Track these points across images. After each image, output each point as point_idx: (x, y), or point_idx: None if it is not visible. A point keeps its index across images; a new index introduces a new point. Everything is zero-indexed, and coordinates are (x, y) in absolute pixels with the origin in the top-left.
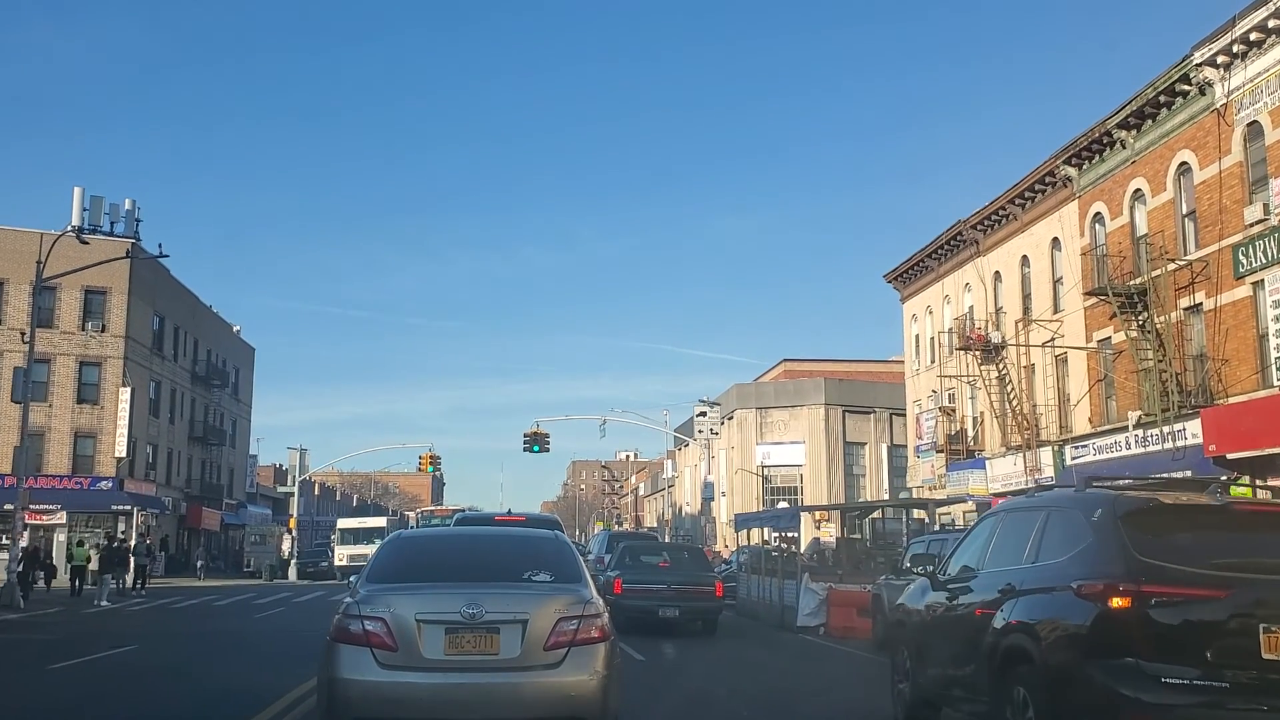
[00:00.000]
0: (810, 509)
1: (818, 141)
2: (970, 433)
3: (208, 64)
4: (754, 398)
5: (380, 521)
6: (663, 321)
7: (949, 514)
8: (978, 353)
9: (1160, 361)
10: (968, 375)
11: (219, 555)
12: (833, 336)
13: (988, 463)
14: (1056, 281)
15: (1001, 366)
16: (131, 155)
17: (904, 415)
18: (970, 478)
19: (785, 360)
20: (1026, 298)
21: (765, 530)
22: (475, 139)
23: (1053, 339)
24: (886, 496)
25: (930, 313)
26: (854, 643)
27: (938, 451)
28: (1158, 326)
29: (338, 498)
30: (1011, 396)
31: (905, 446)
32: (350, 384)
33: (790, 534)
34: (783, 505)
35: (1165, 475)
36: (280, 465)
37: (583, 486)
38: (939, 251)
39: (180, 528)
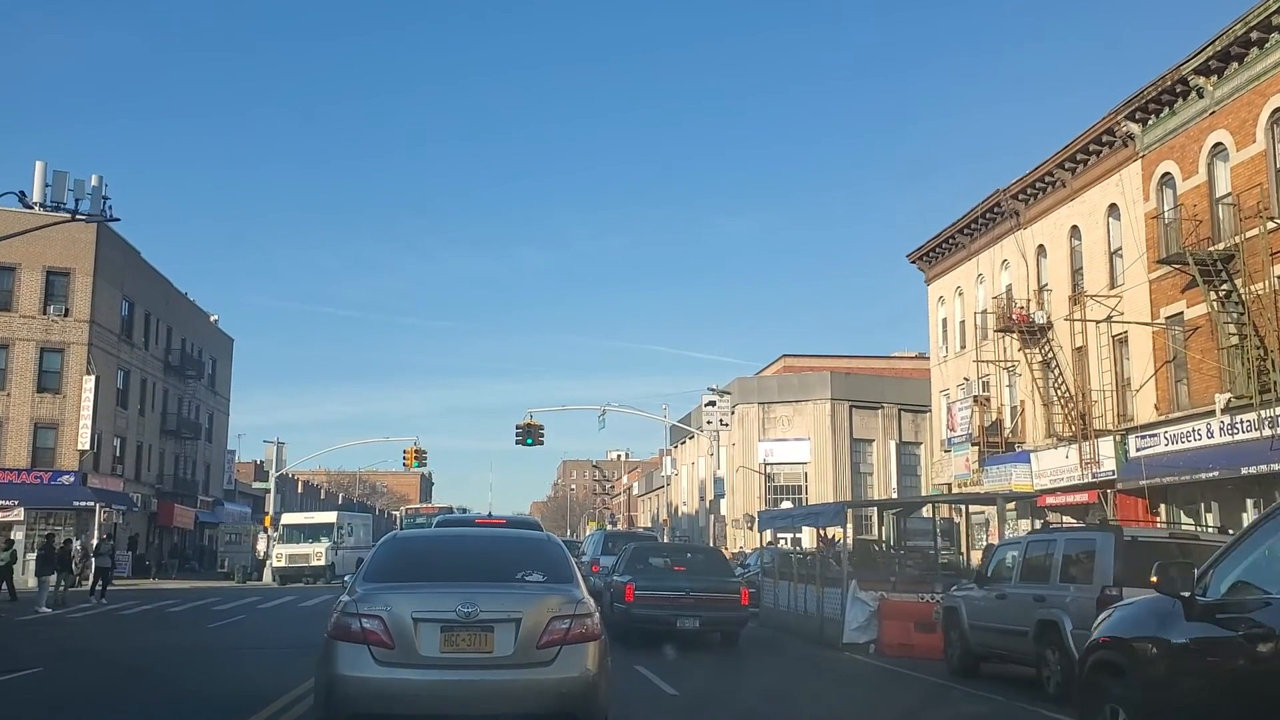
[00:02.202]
0: (855, 504)
1: (815, 139)
2: (1008, 424)
3: (198, 59)
4: (756, 392)
5: (329, 517)
6: (657, 322)
7: (982, 513)
8: (1019, 335)
9: (1253, 337)
10: (1006, 360)
11: (193, 555)
12: (832, 337)
13: (1032, 456)
14: (1114, 253)
15: (1046, 350)
16: (119, 150)
17: (914, 411)
18: (1013, 472)
19: (785, 356)
20: (1076, 273)
21: (774, 531)
22: (468, 137)
23: (1109, 317)
24: (895, 494)
25: (960, 294)
26: (915, 664)
27: (973, 444)
28: (1245, 298)
29: (322, 496)
30: (1057, 383)
31: (915, 443)
32: (340, 383)
33: (830, 532)
34: (786, 505)
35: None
36: (259, 462)
37: (573, 486)
38: (972, 226)
39: (151, 526)
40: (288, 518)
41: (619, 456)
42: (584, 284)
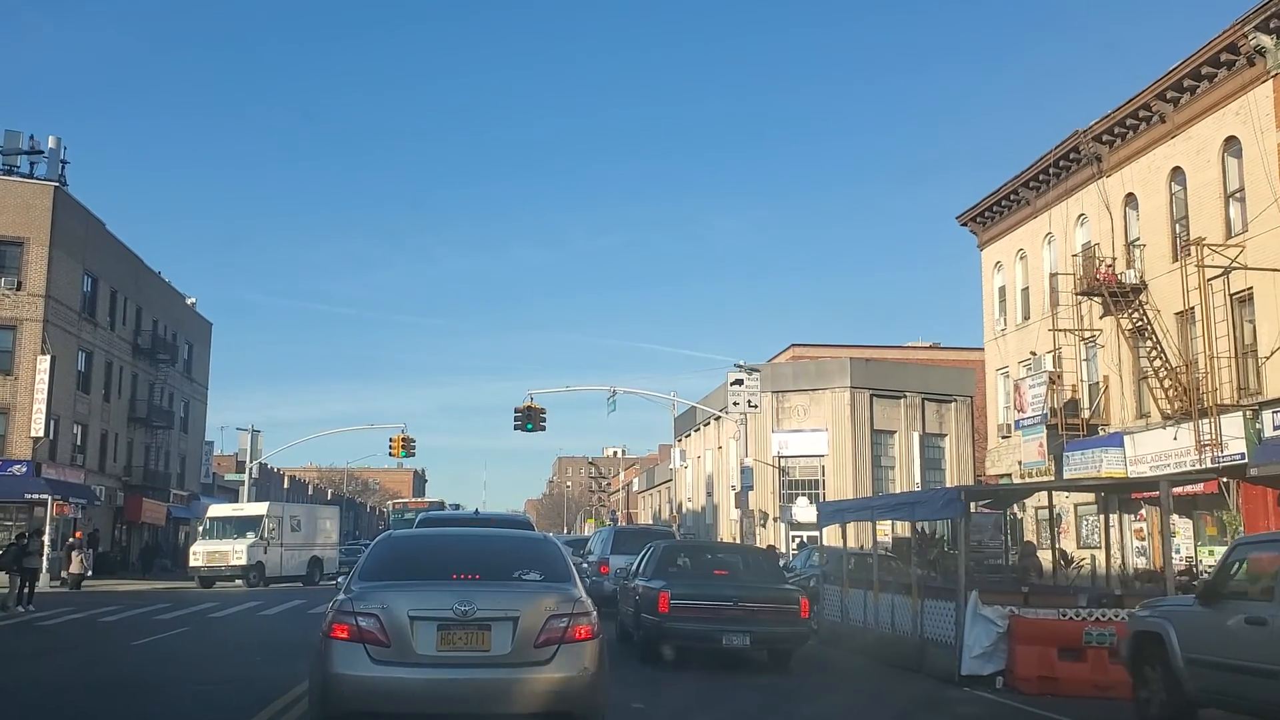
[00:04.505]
0: (977, 491)
1: (814, 139)
2: (1086, 403)
3: (195, 57)
4: (769, 380)
5: (258, 508)
6: (655, 320)
7: (1054, 506)
8: (1106, 299)
9: None
10: (1086, 329)
11: (166, 553)
12: (836, 333)
13: (1126, 439)
14: (1231, 195)
15: (1138, 316)
16: (114, 147)
17: (938, 401)
18: (1103, 459)
19: (794, 345)
20: (1178, 223)
21: (792, 529)
22: (464, 134)
23: (1226, 270)
24: (918, 489)
25: (1023, 258)
26: (1071, 705)
27: (1047, 427)
28: None
29: (310, 492)
30: (1153, 354)
31: (940, 435)
32: (334, 381)
33: (925, 528)
34: (802, 500)
35: None
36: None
37: (569, 484)
38: (1040, 178)
39: (117, 521)
40: (214, 510)
41: (615, 453)
42: (581, 282)
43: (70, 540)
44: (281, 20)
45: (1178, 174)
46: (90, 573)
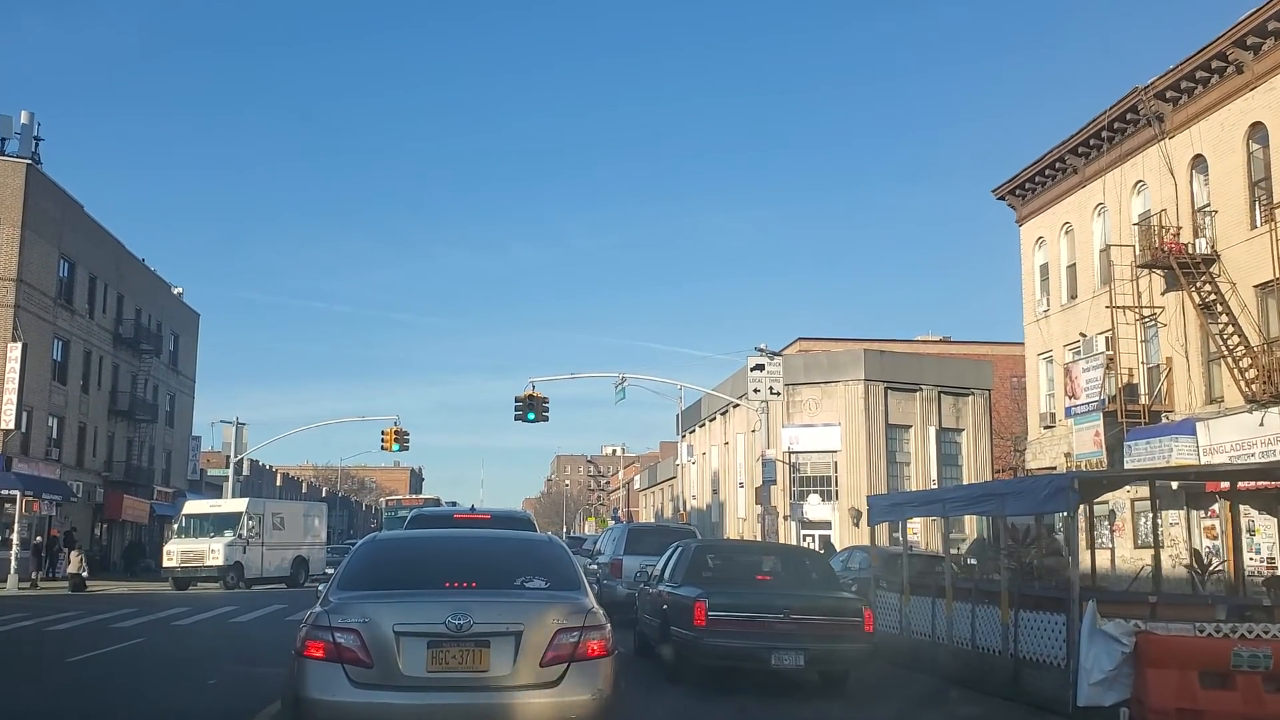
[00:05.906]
0: (1097, 480)
1: (812, 139)
2: (1145, 387)
3: (194, 57)
4: (779, 372)
5: (239, 505)
6: (655, 319)
7: (1105, 502)
8: (1174, 272)
9: None
10: (1147, 306)
11: (150, 553)
12: (839, 331)
13: (1199, 426)
14: None
15: (1208, 290)
16: (113, 147)
17: (955, 394)
18: (1172, 448)
19: (801, 339)
20: (1257, 185)
21: (804, 527)
22: (464, 134)
23: None
24: (935, 486)
25: (1068, 231)
26: None
27: (1104, 414)
28: None
29: (304, 490)
30: (1227, 332)
31: (957, 429)
32: (333, 380)
33: (1017, 526)
34: (814, 498)
35: None
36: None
37: (567, 482)
38: (1090, 143)
39: (96, 519)
40: (190, 506)
41: (615, 451)
42: (581, 281)
43: (38, 540)
44: (282, 20)
45: (1257, 130)
46: (87, 572)
